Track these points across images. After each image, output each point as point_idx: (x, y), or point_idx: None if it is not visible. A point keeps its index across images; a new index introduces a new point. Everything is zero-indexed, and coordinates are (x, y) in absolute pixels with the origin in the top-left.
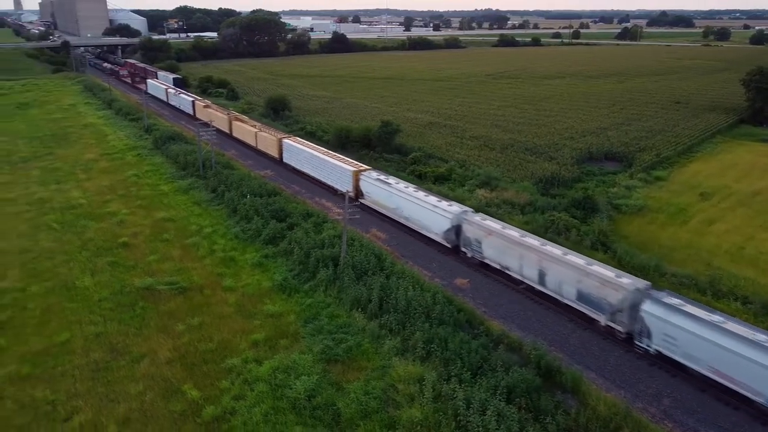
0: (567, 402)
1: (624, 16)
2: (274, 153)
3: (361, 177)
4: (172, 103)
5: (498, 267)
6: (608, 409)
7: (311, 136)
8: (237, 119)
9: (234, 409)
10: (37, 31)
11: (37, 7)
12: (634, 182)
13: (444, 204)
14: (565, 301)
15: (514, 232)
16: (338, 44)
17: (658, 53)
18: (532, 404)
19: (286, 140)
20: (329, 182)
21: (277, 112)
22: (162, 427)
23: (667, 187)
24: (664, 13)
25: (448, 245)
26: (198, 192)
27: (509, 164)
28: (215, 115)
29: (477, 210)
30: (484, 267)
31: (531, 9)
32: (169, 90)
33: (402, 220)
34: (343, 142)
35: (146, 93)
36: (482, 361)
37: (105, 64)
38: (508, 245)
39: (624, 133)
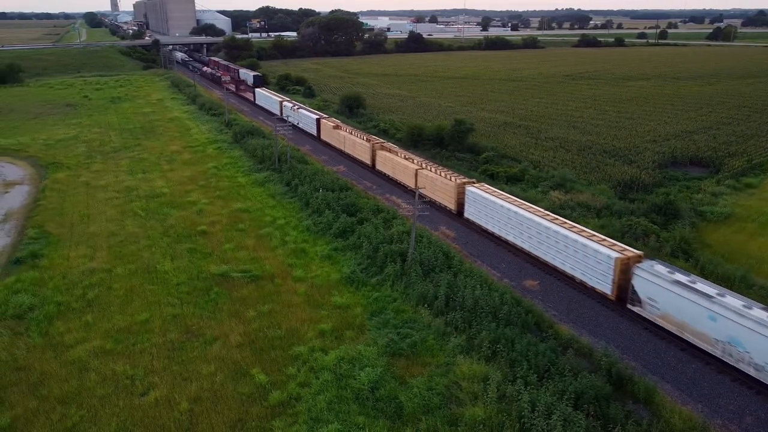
0: (638, 412)
1: (717, 16)
2: (450, 203)
3: (639, 273)
4: (289, 119)
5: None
6: (683, 423)
7: (384, 133)
8: (383, 148)
9: (299, 395)
10: (130, 31)
11: (132, 9)
12: (722, 188)
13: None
14: None
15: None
16: (414, 44)
17: (754, 55)
18: (600, 412)
19: (472, 188)
20: (572, 271)
21: (352, 110)
22: (230, 407)
23: (758, 195)
24: (762, 12)
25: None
26: (273, 185)
27: (586, 166)
28: (350, 140)
29: (554, 212)
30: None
31: (615, 8)
32: (285, 104)
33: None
34: (415, 140)
35: (254, 104)
36: (550, 365)
37: (205, 69)
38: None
39: (712, 137)
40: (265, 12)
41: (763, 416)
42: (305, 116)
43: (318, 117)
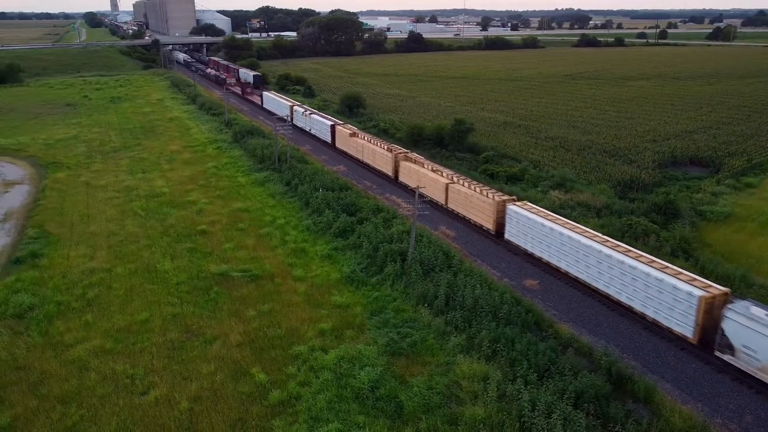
0: (638, 412)
1: (717, 16)
2: (487, 222)
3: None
4: (299, 124)
5: None
6: (683, 422)
7: (384, 133)
8: (408, 159)
9: (299, 394)
10: (130, 31)
11: (132, 9)
12: (722, 188)
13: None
14: None
15: None
16: (414, 44)
17: (754, 55)
18: (600, 411)
19: (514, 207)
20: (642, 309)
21: (352, 110)
22: (230, 407)
23: (758, 195)
24: (762, 12)
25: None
26: (273, 185)
27: (586, 166)
28: (369, 149)
29: (552, 210)
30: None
31: (615, 8)
32: (296, 108)
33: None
34: (415, 140)
35: (262, 108)
36: (550, 364)
37: (208, 70)
38: None
39: (712, 137)
40: (265, 12)
41: (763, 415)
42: (318, 122)
43: (333, 123)
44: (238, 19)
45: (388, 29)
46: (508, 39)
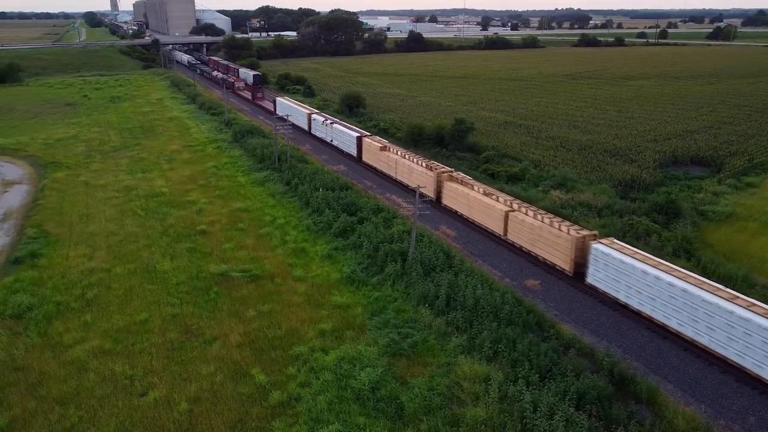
0: (641, 413)
1: (716, 16)
2: (563, 261)
3: None
4: (318, 134)
5: None
6: (686, 424)
7: (384, 132)
8: (453, 179)
9: (299, 395)
10: (130, 31)
11: (132, 8)
12: (723, 188)
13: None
14: None
15: None
16: (414, 43)
17: (755, 54)
18: (603, 412)
19: (602, 247)
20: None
21: (352, 109)
22: (230, 408)
23: (759, 194)
24: (762, 12)
25: None
26: (273, 184)
27: (587, 166)
28: (403, 166)
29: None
30: None
31: (615, 8)
32: (315, 117)
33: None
34: (415, 140)
35: (275, 115)
36: (551, 365)
37: (215, 73)
38: None
39: (713, 136)
40: (265, 11)
41: (767, 417)
42: (342, 133)
43: (359, 135)
44: (238, 18)
45: (388, 29)
46: (508, 39)
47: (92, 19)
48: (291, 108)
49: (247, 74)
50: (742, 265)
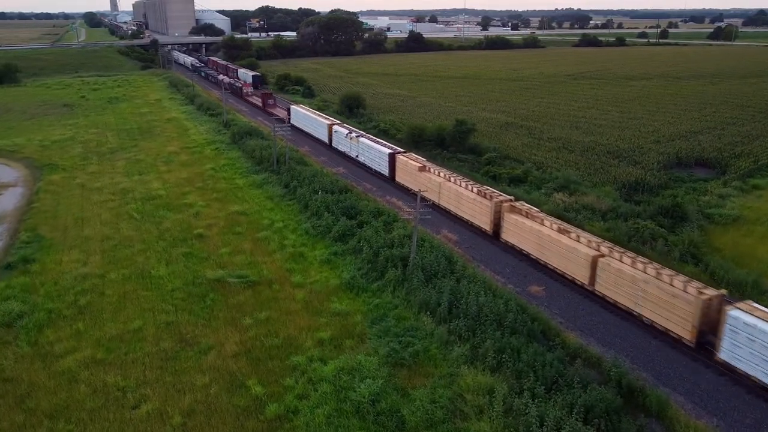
0: (651, 427)
1: (717, 16)
2: (682, 328)
3: None
4: (341, 148)
5: None
6: None
7: (384, 134)
8: (515, 210)
9: (297, 408)
10: (130, 31)
11: (131, 9)
12: (729, 190)
13: None
14: None
15: None
16: (414, 43)
17: (756, 54)
18: (611, 426)
19: (740, 313)
20: None
21: (352, 110)
22: (225, 421)
23: (766, 197)
24: (762, 12)
25: None
26: (271, 187)
27: (590, 168)
28: (450, 192)
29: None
30: None
31: (615, 8)
32: (337, 129)
33: None
34: (416, 141)
35: (289, 125)
36: (557, 376)
37: (220, 77)
38: None
39: (717, 137)
40: (265, 12)
41: None
42: (370, 149)
43: (392, 152)
44: (238, 18)
45: (388, 29)
46: (509, 39)
47: (92, 20)
48: (308, 117)
49: (246, 75)
50: (751, 271)
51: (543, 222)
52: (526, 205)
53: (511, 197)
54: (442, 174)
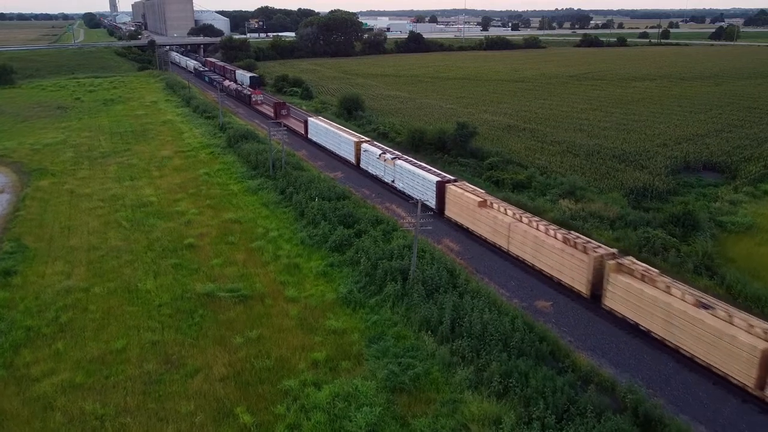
0: None
1: (718, 15)
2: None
3: None
4: (371, 170)
5: None
6: None
7: (384, 137)
8: (622, 270)
9: None
10: (128, 32)
11: (131, 9)
12: (740, 196)
13: None
14: None
15: None
16: (414, 44)
17: (758, 54)
18: None
19: None
20: None
21: (351, 112)
22: None
23: None
24: (763, 12)
25: None
26: (267, 193)
27: (596, 172)
28: (525, 235)
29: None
30: None
31: (615, 8)
32: (366, 147)
33: None
34: (416, 145)
35: (307, 139)
36: (569, 404)
37: (226, 83)
38: None
39: (725, 140)
40: (264, 12)
41: None
42: (412, 175)
43: (441, 180)
44: (237, 19)
45: (388, 29)
46: (509, 39)
47: (91, 20)
48: (329, 132)
49: (244, 76)
50: None
51: (669, 289)
52: (635, 261)
53: (614, 250)
54: (510, 212)
